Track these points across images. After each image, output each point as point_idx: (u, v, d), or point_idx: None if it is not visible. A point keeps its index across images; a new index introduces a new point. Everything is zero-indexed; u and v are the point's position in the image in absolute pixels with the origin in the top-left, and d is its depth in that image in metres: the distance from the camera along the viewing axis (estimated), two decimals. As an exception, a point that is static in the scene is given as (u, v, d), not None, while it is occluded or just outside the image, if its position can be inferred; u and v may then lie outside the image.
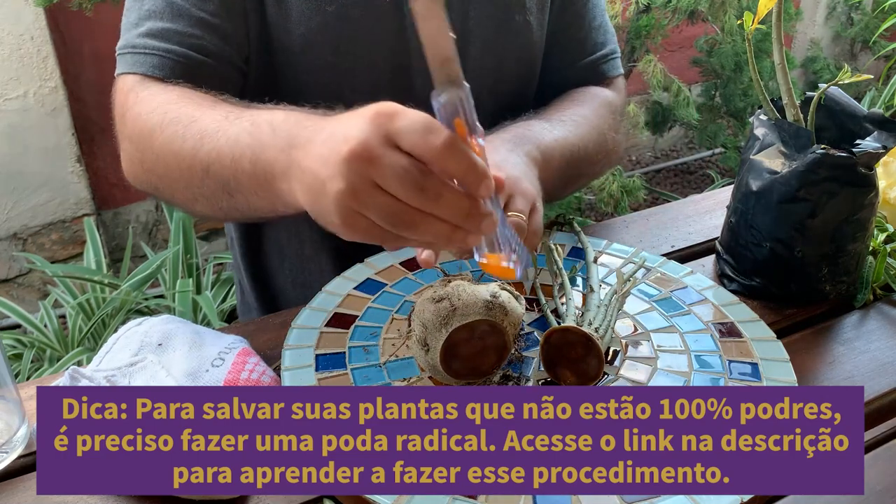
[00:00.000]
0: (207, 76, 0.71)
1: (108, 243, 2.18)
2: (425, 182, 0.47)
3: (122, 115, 0.71)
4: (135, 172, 0.71)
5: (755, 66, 0.76)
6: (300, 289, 0.91)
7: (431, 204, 0.47)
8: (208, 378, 0.60)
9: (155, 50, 0.70)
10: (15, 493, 0.54)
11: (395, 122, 0.47)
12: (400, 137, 0.47)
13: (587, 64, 0.91)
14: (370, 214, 0.48)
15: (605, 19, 0.94)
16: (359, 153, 0.46)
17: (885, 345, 0.70)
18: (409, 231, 0.48)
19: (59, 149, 2.02)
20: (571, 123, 0.81)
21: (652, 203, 2.71)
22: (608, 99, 0.90)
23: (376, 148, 0.46)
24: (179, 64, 0.71)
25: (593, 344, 0.58)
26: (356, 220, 0.48)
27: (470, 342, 0.57)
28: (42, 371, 1.56)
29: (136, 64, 0.71)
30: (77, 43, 2.00)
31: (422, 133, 0.46)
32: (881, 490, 0.60)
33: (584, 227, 0.86)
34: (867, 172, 0.70)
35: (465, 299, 0.57)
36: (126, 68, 0.72)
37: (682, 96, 2.23)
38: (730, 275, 0.78)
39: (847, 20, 3.38)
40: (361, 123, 0.47)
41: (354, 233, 0.49)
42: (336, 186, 0.47)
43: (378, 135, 0.47)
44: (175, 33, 0.71)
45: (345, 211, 0.48)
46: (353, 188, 0.47)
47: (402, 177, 0.46)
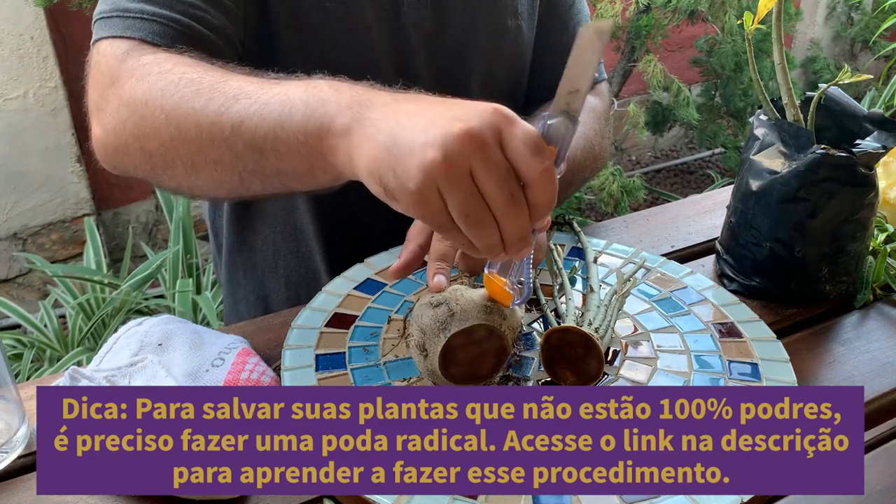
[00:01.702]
0: (209, 51, 0.67)
1: (108, 243, 2.18)
2: (516, 191, 0.47)
3: (115, 79, 0.64)
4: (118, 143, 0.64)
5: (755, 66, 0.76)
6: (294, 288, 0.90)
7: (510, 214, 0.48)
8: (208, 378, 0.60)
9: (154, 16, 0.66)
10: (15, 493, 0.54)
11: (513, 127, 0.47)
12: (510, 143, 0.47)
13: None
14: (449, 196, 0.47)
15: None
16: (472, 136, 0.46)
17: (885, 345, 0.70)
18: (472, 228, 0.48)
19: (59, 149, 2.02)
20: None
21: (652, 203, 2.71)
22: (592, 105, 0.90)
23: (489, 139, 0.47)
24: (182, 35, 0.66)
25: (593, 344, 0.58)
26: (431, 195, 0.47)
27: (468, 347, 0.57)
28: (42, 371, 1.56)
29: (132, 28, 0.65)
30: (77, 43, 2.00)
31: (533, 149, 0.47)
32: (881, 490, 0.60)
33: (583, 227, 0.86)
34: (867, 172, 0.70)
35: (462, 304, 0.57)
36: (115, 32, 0.66)
37: (682, 96, 2.23)
38: (730, 275, 0.78)
39: (847, 20, 3.38)
40: (482, 112, 0.47)
41: (421, 207, 0.48)
42: (432, 155, 0.46)
43: (494, 130, 0.47)
44: (177, 1, 0.67)
45: (428, 182, 0.47)
46: (451, 163, 0.46)
47: (501, 178, 0.47)
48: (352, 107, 0.52)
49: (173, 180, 0.64)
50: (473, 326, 0.56)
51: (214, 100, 0.58)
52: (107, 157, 0.66)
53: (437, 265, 0.61)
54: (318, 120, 0.53)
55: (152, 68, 0.62)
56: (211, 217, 0.97)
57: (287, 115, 0.54)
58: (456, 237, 0.50)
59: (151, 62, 0.63)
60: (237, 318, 0.97)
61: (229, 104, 0.57)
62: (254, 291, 0.94)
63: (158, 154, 0.62)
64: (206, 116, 0.58)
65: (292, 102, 0.55)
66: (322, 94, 0.54)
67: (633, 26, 2.16)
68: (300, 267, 0.89)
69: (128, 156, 0.64)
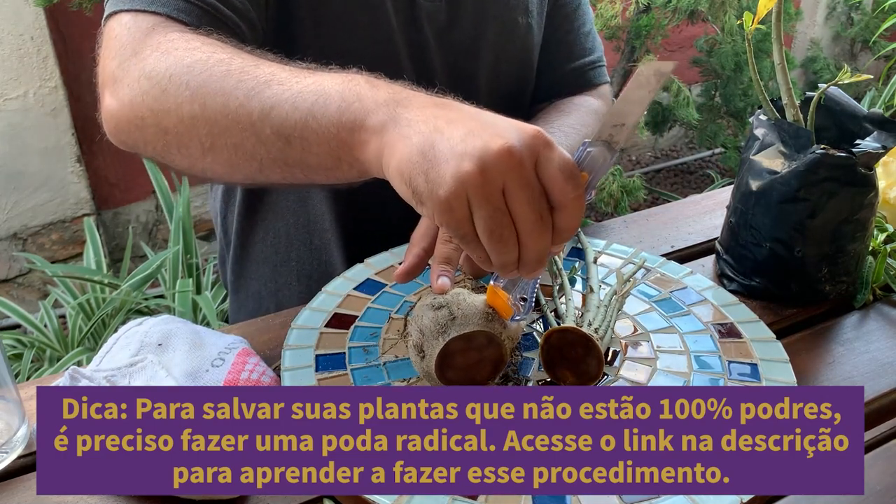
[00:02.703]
0: (232, 35, 0.65)
1: (108, 243, 2.18)
2: (545, 214, 0.48)
3: (138, 49, 0.62)
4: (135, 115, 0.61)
5: (755, 66, 0.76)
6: (306, 281, 0.90)
7: (534, 235, 0.48)
8: (208, 378, 0.60)
9: None
10: (15, 493, 0.54)
11: (550, 150, 0.48)
12: (546, 167, 0.47)
13: (575, 68, 0.93)
14: (477, 210, 0.47)
15: (594, 28, 0.95)
16: (511, 153, 0.46)
17: (885, 345, 0.70)
18: (493, 244, 0.49)
19: (59, 149, 2.02)
20: (560, 133, 0.81)
21: (652, 203, 2.71)
22: (594, 108, 0.90)
23: (525, 160, 0.47)
24: (207, 13, 0.65)
25: (593, 344, 0.58)
26: (459, 205, 0.47)
27: (466, 353, 0.57)
28: (42, 371, 1.56)
29: (157, 3, 0.64)
30: (77, 43, 2.00)
31: (568, 175, 0.47)
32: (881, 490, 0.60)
33: (583, 227, 0.86)
34: (867, 172, 0.70)
35: (464, 309, 0.57)
36: (140, 6, 0.64)
37: (682, 96, 2.23)
38: (729, 275, 0.78)
39: (847, 20, 3.38)
40: (522, 132, 0.48)
41: (447, 215, 0.48)
42: (468, 166, 0.46)
43: (532, 151, 0.47)
44: None
45: (459, 191, 0.47)
46: (486, 177, 0.46)
47: (533, 199, 0.47)
48: (389, 104, 0.52)
49: (186, 160, 0.61)
50: (474, 332, 0.56)
51: (245, 82, 0.57)
52: (117, 131, 0.63)
53: (442, 268, 0.61)
54: (353, 114, 0.52)
55: (179, 44, 0.61)
56: (221, 212, 0.97)
57: (321, 105, 0.54)
58: (475, 250, 0.50)
59: (178, 38, 0.61)
60: (247, 314, 0.97)
61: (261, 88, 0.56)
62: (265, 285, 0.94)
63: (175, 132, 0.60)
64: (234, 98, 0.56)
65: (328, 94, 0.54)
66: (359, 89, 0.53)
67: (633, 26, 2.16)
68: (313, 259, 0.89)
69: (141, 130, 0.61)
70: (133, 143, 0.63)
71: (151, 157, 0.64)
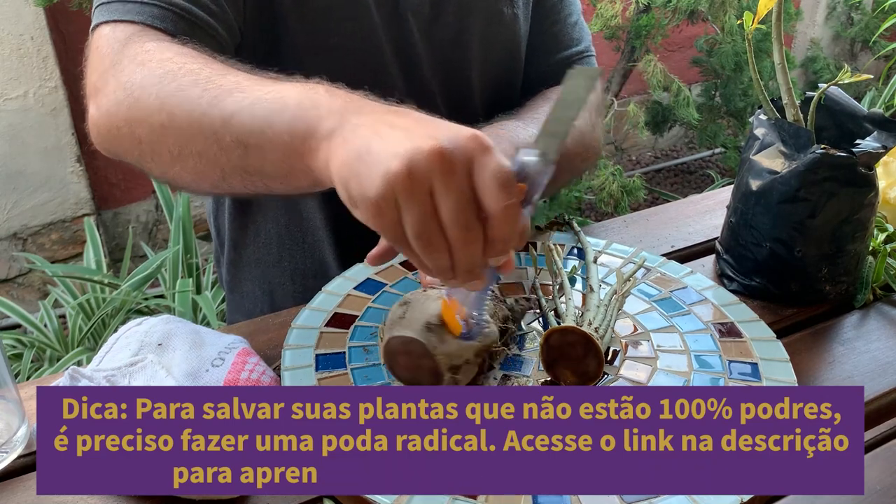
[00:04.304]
0: (208, 37, 0.68)
1: (108, 243, 2.18)
2: (471, 223, 0.46)
3: (116, 63, 0.64)
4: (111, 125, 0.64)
5: (755, 66, 0.76)
6: (301, 280, 0.90)
7: (461, 243, 0.47)
8: (208, 378, 0.60)
9: (155, 1, 0.66)
10: (15, 493, 0.54)
11: (485, 156, 0.46)
12: (479, 173, 0.46)
13: (562, 59, 0.92)
14: (405, 212, 0.47)
15: (581, 18, 0.95)
16: (440, 155, 0.45)
17: (885, 345, 0.70)
18: (422, 248, 0.48)
19: (59, 149, 2.02)
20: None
21: (652, 203, 2.71)
22: None
23: (457, 163, 0.46)
24: (182, 19, 0.67)
25: (593, 344, 0.58)
26: (388, 207, 0.47)
27: (405, 356, 0.56)
28: (42, 371, 1.56)
29: (132, 12, 0.66)
30: (77, 43, 2.00)
31: (500, 183, 0.46)
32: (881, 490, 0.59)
33: (583, 227, 0.86)
34: (867, 172, 0.70)
35: (416, 312, 0.56)
36: (118, 16, 0.66)
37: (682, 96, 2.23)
38: (730, 275, 0.78)
39: (847, 20, 3.38)
40: (458, 135, 0.47)
41: (377, 217, 0.47)
42: (396, 166, 0.45)
43: (465, 155, 0.46)
44: None
45: (386, 192, 0.46)
46: (412, 178, 0.45)
47: (460, 205, 0.46)
48: (340, 112, 0.52)
49: (158, 167, 0.63)
50: (409, 339, 0.55)
51: (210, 91, 0.58)
52: (99, 139, 0.66)
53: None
54: (306, 121, 0.52)
55: (154, 55, 0.62)
56: (213, 214, 0.97)
57: (277, 112, 0.54)
58: (409, 255, 0.49)
59: (154, 49, 0.63)
60: (243, 315, 0.97)
61: (223, 97, 0.57)
62: (259, 286, 0.94)
63: (147, 140, 0.62)
64: (198, 106, 0.58)
65: (285, 101, 0.54)
66: (316, 97, 0.54)
67: (633, 26, 2.16)
68: (307, 258, 0.89)
69: (118, 139, 0.64)
70: (115, 152, 0.66)
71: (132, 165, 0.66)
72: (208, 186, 0.63)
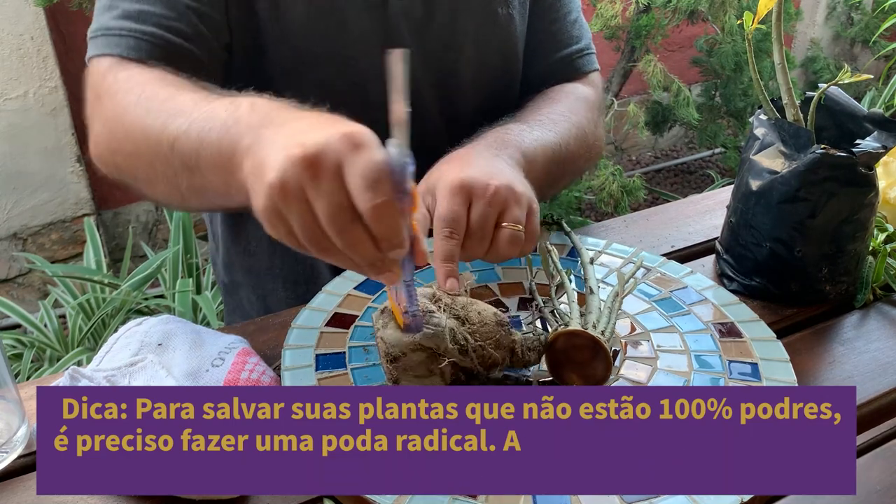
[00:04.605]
0: (186, 61, 0.70)
1: (108, 243, 2.18)
2: (347, 227, 0.47)
3: (98, 96, 0.70)
4: (100, 154, 0.70)
5: (755, 66, 0.76)
6: (293, 287, 0.90)
7: (345, 244, 0.47)
8: (208, 378, 0.60)
9: (131, 32, 0.70)
10: (15, 493, 0.54)
11: (354, 156, 0.46)
12: (347, 172, 0.46)
13: (562, 58, 0.91)
14: (290, 220, 0.48)
15: (580, 16, 0.94)
16: (308, 161, 0.46)
17: (885, 345, 0.70)
18: (316, 252, 0.49)
19: (59, 149, 2.02)
20: (550, 122, 0.80)
21: (652, 203, 2.71)
22: (584, 95, 0.89)
23: (325, 169, 0.46)
24: (157, 47, 0.70)
25: (601, 347, 0.58)
26: (276, 219, 0.48)
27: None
28: (42, 371, 1.56)
29: (112, 45, 0.70)
30: (77, 43, 2.00)
31: (367, 182, 0.45)
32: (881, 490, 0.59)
33: (583, 227, 0.86)
34: (867, 172, 0.70)
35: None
36: (100, 50, 0.71)
37: (682, 96, 2.23)
38: (730, 275, 0.78)
39: (847, 20, 3.38)
40: (326, 136, 0.47)
41: (270, 228, 0.49)
42: (271, 177, 0.47)
43: (334, 158, 0.46)
44: (151, 15, 0.70)
45: (269, 204, 0.48)
46: (285, 188, 0.47)
47: (331, 209, 0.46)
48: (255, 127, 0.53)
49: (145, 190, 0.69)
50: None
51: (160, 117, 0.61)
52: (100, 166, 0.72)
53: (447, 267, 0.61)
54: (230, 139, 0.54)
55: (122, 85, 0.67)
56: (209, 219, 0.98)
57: (206, 132, 0.57)
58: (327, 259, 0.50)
59: (124, 79, 0.68)
60: (240, 318, 0.97)
61: (169, 122, 0.60)
62: (253, 292, 0.94)
63: (126, 167, 0.68)
64: (153, 133, 0.62)
65: (213, 121, 0.57)
66: (238, 114, 0.56)
67: (633, 26, 2.16)
68: (298, 265, 0.89)
69: (108, 166, 0.70)
70: (114, 177, 0.72)
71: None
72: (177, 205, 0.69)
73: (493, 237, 0.62)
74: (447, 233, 0.61)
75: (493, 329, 0.58)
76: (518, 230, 0.62)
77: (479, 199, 0.62)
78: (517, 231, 0.62)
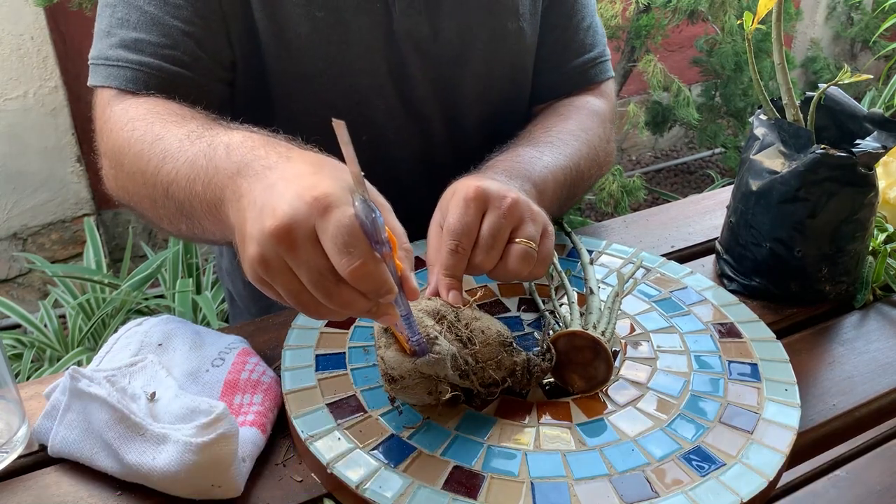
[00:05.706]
0: (184, 87, 0.70)
1: (108, 243, 2.18)
2: (332, 289, 0.47)
3: (100, 130, 0.71)
4: (111, 188, 0.71)
5: (755, 66, 0.76)
6: None
7: (334, 304, 0.47)
8: (208, 378, 0.60)
9: (128, 63, 0.70)
10: (15, 493, 0.54)
11: (324, 221, 0.46)
12: (323, 238, 0.46)
13: (575, 67, 0.89)
14: (278, 288, 0.49)
15: (596, 20, 0.92)
16: (281, 235, 0.46)
17: (885, 345, 0.70)
18: (309, 313, 0.49)
19: (59, 149, 2.02)
20: (560, 143, 0.79)
21: (652, 203, 2.71)
22: (595, 108, 0.87)
23: (299, 238, 0.46)
24: (153, 77, 0.70)
25: (602, 348, 0.58)
26: (265, 287, 0.49)
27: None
28: (42, 371, 1.56)
29: (111, 77, 0.70)
30: (77, 43, 2.00)
31: (340, 247, 0.45)
32: (881, 490, 0.59)
33: (583, 228, 0.86)
34: (867, 172, 0.70)
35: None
36: (101, 81, 0.71)
37: (682, 96, 2.23)
38: (730, 275, 0.78)
39: (847, 20, 3.38)
40: (295, 203, 0.46)
41: (266, 294, 0.50)
42: (252, 250, 0.48)
43: (306, 225, 0.46)
44: (148, 44, 0.70)
45: (254, 275, 0.49)
46: (266, 261, 0.47)
47: (312, 278, 0.47)
48: (233, 176, 0.54)
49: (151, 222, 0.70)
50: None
51: (152, 161, 0.62)
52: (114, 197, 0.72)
53: (449, 280, 0.60)
54: (213, 191, 0.55)
55: (117, 121, 0.68)
56: None
57: (192, 182, 0.58)
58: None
59: (120, 113, 0.68)
60: (247, 317, 0.98)
61: (161, 167, 0.61)
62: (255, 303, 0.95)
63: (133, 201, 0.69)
64: (147, 178, 0.63)
65: (196, 170, 0.57)
66: (216, 161, 0.56)
67: (633, 26, 2.16)
68: None
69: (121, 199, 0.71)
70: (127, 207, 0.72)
71: None
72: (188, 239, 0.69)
73: (504, 252, 0.61)
74: (453, 246, 0.60)
75: (496, 350, 0.57)
76: (532, 247, 0.60)
77: (494, 209, 0.60)
78: (531, 248, 0.60)
